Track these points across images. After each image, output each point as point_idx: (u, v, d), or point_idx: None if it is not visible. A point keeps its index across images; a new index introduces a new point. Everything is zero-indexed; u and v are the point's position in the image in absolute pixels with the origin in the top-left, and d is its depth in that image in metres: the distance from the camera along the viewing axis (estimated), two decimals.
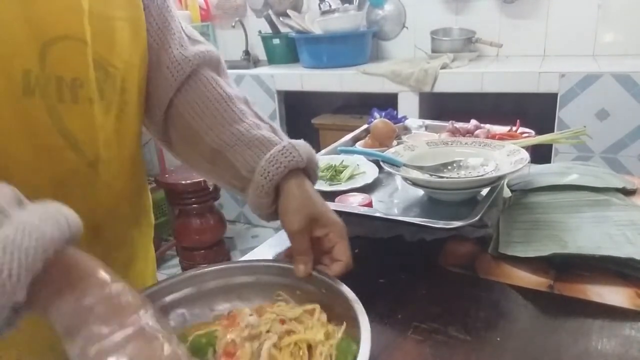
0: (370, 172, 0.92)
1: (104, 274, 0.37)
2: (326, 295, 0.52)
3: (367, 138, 1.09)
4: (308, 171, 0.61)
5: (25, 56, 0.45)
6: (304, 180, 0.59)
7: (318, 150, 1.07)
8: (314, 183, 0.62)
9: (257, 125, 0.62)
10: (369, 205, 0.78)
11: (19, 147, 0.47)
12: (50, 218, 0.34)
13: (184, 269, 2.53)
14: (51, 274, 0.35)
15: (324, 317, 0.50)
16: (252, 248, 0.79)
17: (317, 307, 0.51)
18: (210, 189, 2.38)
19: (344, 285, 0.51)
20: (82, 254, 0.38)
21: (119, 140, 0.57)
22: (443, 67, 2.09)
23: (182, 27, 0.65)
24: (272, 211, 0.60)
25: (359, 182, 0.88)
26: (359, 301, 0.47)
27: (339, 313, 0.50)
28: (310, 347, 0.46)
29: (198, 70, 0.64)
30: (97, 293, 0.36)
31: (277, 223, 0.59)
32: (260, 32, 2.85)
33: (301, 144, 0.60)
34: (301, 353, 0.46)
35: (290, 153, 0.58)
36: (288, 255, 0.59)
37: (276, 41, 2.73)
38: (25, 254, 0.32)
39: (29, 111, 0.46)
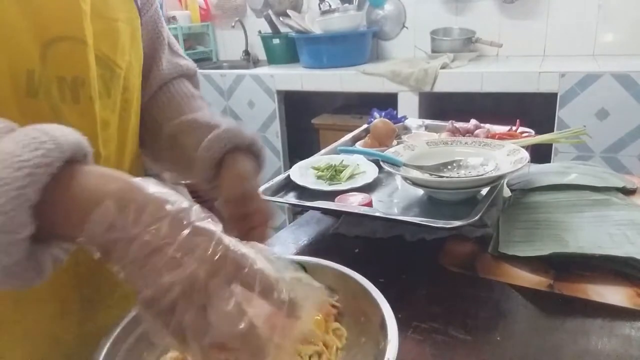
0: (370, 172, 0.92)
1: (128, 184, 0.35)
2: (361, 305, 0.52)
3: (367, 138, 1.09)
4: (254, 155, 0.61)
5: (28, 56, 0.46)
6: (245, 158, 0.60)
7: (318, 150, 1.08)
8: (259, 168, 0.62)
9: (212, 115, 0.64)
10: (369, 205, 0.78)
11: None
12: (32, 141, 0.32)
13: None
14: (63, 196, 0.33)
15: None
16: None
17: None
18: None
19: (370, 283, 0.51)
20: (94, 168, 0.36)
21: (121, 138, 0.58)
22: (443, 67, 2.09)
23: (168, 39, 0.69)
24: (214, 186, 0.60)
25: (359, 182, 0.88)
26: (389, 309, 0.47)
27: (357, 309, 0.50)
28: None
29: (173, 79, 0.69)
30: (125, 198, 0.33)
31: (277, 223, 0.59)
32: (260, 32, 2.85)
33: (249, 129, 0.61)
34: None
35: (234, 131, 0.59)
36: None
37: (276, 41, 2.73)
38: (4, 188, 0.31)
39: (33, 112, 0.46)
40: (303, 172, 0.94)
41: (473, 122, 1.09)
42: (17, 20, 0.44)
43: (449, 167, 0.84)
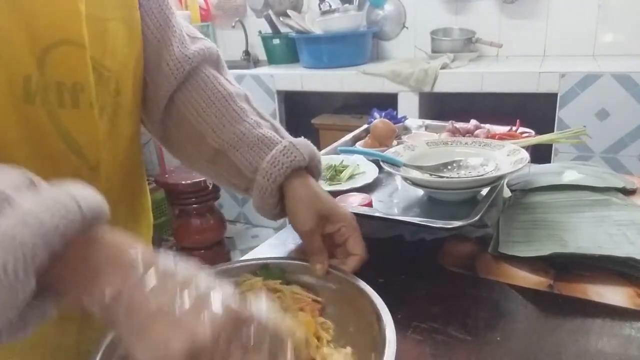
0: (370, 172, 0.92)
1: (134, 252, 0.35)
2: (347, 295, 0.52)
3: (367, 138, 1.09)
4: (311, 169, 0.61)
5: (25, 62, 0.45)
6: (307, 179, 0.59)
7: (318, 150, 1.07)
8: (317, 180, 0.62)
9: (258, 123, 0.62)
10: (369, 205, 0.78)
11: (22, 155, 0.46)
12: (57, 204, 0.32)
13: None
14: (73, 261, 0.33)
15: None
16: (252, 248, 0.79)
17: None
18: (210, 189, 2.39)
19: (364, 283, 0.51)
20: (108, 235, 0.36)
21: (113, 143, 0.56)
22: (443, 67, 2.09)
23: (181, 25, 0.65)
24: (278, 211, 0.60)
25: (359, 182, 0.88)
26: (385, 307, 0.47)
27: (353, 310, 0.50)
28: None
29: (198, 67, 0.64)
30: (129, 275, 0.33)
31: (278, 223, 0.60)
32: (260, 32, 2.85)
33: (302, 142, 0.61)
34: None
35: (292, 153, 0.58)
36: (299, 252, 0.59)
37: (276, 41, 2.73)
38: (21, 248, 0.30)
39: (30, 118, 0.46)
40: None
41: (473, 122, 1.09)
42: (14, 25, 0.43)
43: (449, 167, 0.84)
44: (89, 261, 0.34)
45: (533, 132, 1.05)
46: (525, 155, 0.78)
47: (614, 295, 0.59)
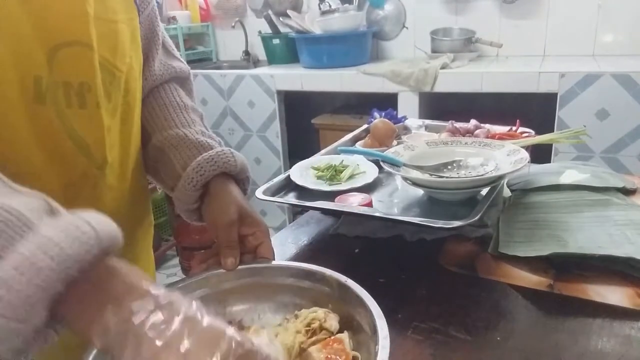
0: (370, 172, 0.92)
1: (146, 285, 0.35)
2: (340, 298, 0.52)
3: (367, 138, 1.09)
4: (240, 180, 0.62)
5: (35, 62, 0.45)
6: (234, 184, 0.61)
7: (318, 150, 1.08)
8: (244, 193, 0.63)
9: (203, 133, 0.64)
10: (369, 205, 0.78)
11: (32, 154, 0.47)
12: (77, 231, 0.32)
13: (184, 269, 2.54)
14: (85, 289, 0.33)
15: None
16: None
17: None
18: None
19: (364, 291, 0.50)
20: (119, 265, 0.35)
21: (124, 142, 0.58)
22: (443, 67, 2.09)
23: (164, 39, 0.68)
24: (195, 208, 0.61)
25: (359, 182, 0.88)
26: (382, 315, 0.46)
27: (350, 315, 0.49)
28: None
29: (165, 82, 0.68)
30: (143, 306, 0.33)
31: (278, 223, 0.59)
32: (260, 32, 2.85)
33: (240, 155, 0.62)
34: None
35: (227, 157, 0.59)
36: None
37: (276, 41, 2.73)
38: (39, 276, 0.29)
39: (40, 118, 0.46)
40: (303, 172, 0.94)
41: (473, 122, 1.09)
42: (24, 26, 0.44)
43: (449, 167, 0.84)
44: (100, 290, 0.33)
45: (533, 132, 1.05)
46: (525, 155, 0.78)
47: (614, 295, 0.59)
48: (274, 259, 0.57)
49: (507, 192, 0.87)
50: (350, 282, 0.50)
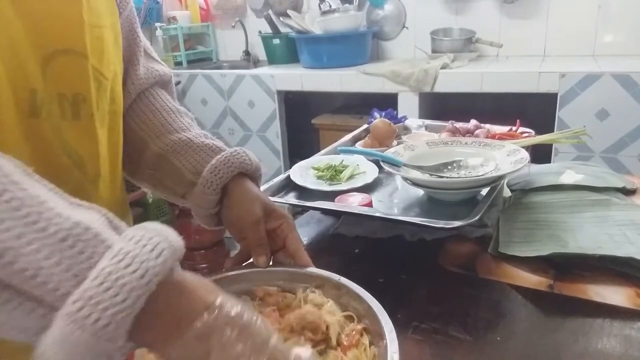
0: (370, 172, 0.92)
1: (218, 299, 0.34)
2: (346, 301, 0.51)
3: (367, 138, 1.09)
4: (255, 179, 0.62)
5: (30, 75, 0.43)
6: (251, 182, 0.60)
7: (318, 150, 1.08)
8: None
9: (204, 135, 0.63)
10: (369, 205, 0.78)
11: None
12: (151, 244, 0.32)
13: (184, 269, 2.53)
14: (159, 307, 0.32)
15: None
16: None
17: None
18: None
19: (371, 297, 0.49)
20: (189, 278, 0.35)
21: (112, 153, 0.56)
22: (443, 67, 2.09)
23: (144, 42, 0.66)
24: (215, 213, 0.60)
25: (359, 182, 0.88)
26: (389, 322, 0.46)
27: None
28: None
29: (150, 86, 0.66)
30: (218, 325, 0.33)
31: None
32: (260, 32, 2.85)
33: (252, 153, 0.62)
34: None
35: (242, 157, 0.59)
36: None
37: (276, 41, 2.73)
38: (124, 293, 0.29)
39: (35, 132, 0.45)
40: (303, 172, 0.94)
41: (473, 122, 1.09)
42: (18, 31, 0.42)
43: (449, 167, 0.84)
44: (173, 305, 0.33)
45: (533, 132, 1.05)
46: (525, 155, 0.78)
47: (614, 295, 0.59)
48: (302, 249, 0.56)
49: (507, 192, 0.87)
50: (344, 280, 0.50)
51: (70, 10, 0.46)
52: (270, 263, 0.56)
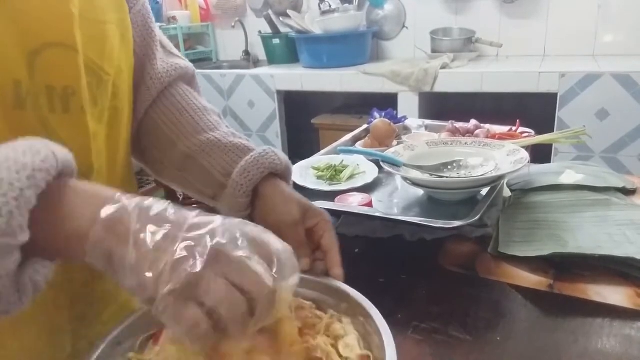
0: (370, 172, 0.92)
1: (118, 194, 0.36)
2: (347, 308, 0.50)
3: (367, 138, 1.09)
4: (285, 178, 0.61)
5: (15, 66, 0.43)
6: (283, 182, 0.59)
7: (318, 150, 1.08)
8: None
9: (232, 134, 0.63)
10: (369, 205, 0.78)
11: None
12: (31, 150, 0.34)
13: None
14: (52, 205, 0.34)
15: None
16: None
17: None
18: None
19: (370, 304, 0.47)
20: (89, 184, 0.37)
21: (111, 148, 0.55)
22: (443, 67, 2.09)
23: (161, 37, 0.65)
24: (246, 215, 0.59)
25: (359, 182, 0.88)
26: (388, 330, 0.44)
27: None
28: None
29: (174, 82, 0.65)
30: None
31: None
32: (260, 32, 2.85)
33: (280, 151, 0.61)
34: None
35: (272, 157, 0.58)
36: None
37: (276, 41, 2.73)
38: (10, 189, 0.31)
39: (21, 124, 0.44)
40: (303, 172, 0.94)
41: (473, 122, 1.09)
42: (3, 28, 0.42)
43: (449, 167, 0.84)
44: (66, 204, 0.35)
45: (533, 132, 1.05)
46: (525, 155, 0.78)
47: (614, 295, 0.59)
48: (336, 250, 0.55)
49: (507, 192, 0.87)
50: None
51: (57, 4, 0.46)
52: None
